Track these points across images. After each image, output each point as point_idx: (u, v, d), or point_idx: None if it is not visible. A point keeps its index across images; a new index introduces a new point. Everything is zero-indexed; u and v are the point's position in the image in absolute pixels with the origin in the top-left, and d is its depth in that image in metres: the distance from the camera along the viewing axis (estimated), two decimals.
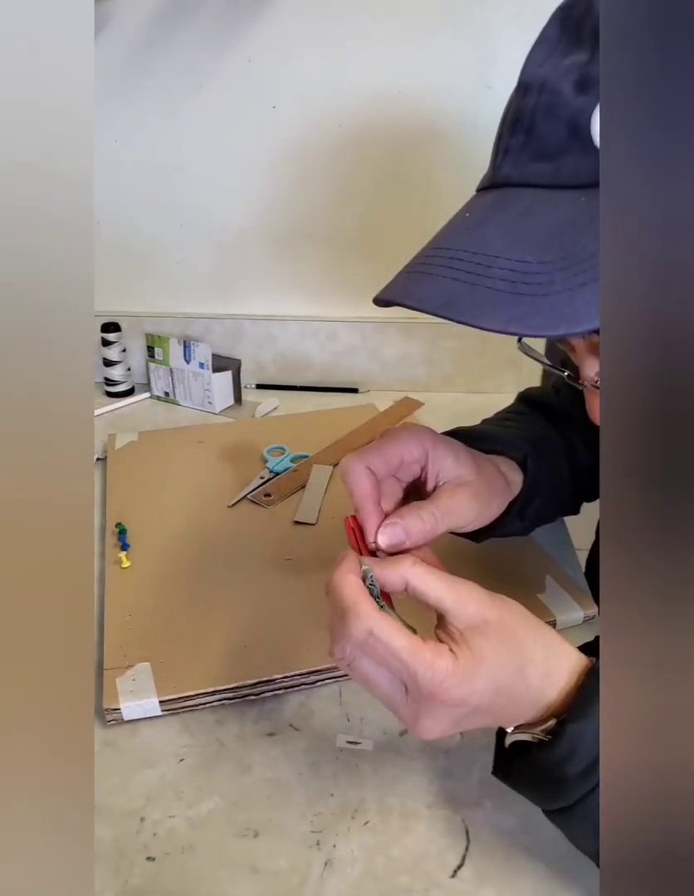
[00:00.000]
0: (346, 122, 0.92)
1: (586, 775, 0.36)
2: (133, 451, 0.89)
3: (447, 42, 0.86)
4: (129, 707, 0.52)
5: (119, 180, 0.98)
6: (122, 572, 0.67)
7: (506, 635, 0.38)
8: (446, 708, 0.37)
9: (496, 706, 0.38)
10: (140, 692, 0.53)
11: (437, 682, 0.36)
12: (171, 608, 0.62)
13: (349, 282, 1.03)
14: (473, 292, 0.36)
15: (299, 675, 0.54)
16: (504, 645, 0.38)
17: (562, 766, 0.36)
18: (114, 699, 0.52)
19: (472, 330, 0.37)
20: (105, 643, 0.58)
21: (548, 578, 0.64)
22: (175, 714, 0.53)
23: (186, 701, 0.53)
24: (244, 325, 1.05)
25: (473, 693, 0.37)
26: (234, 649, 0.57)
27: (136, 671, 0.55)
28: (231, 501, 0.77)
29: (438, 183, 0.94)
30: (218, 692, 0.53)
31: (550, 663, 0.39)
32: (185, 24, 0.88)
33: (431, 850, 0.44)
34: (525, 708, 0.39)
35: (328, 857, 0.44)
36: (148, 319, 1.06)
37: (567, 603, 0.61)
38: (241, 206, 0.99)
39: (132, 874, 0.43)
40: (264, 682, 0.54)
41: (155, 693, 0.53)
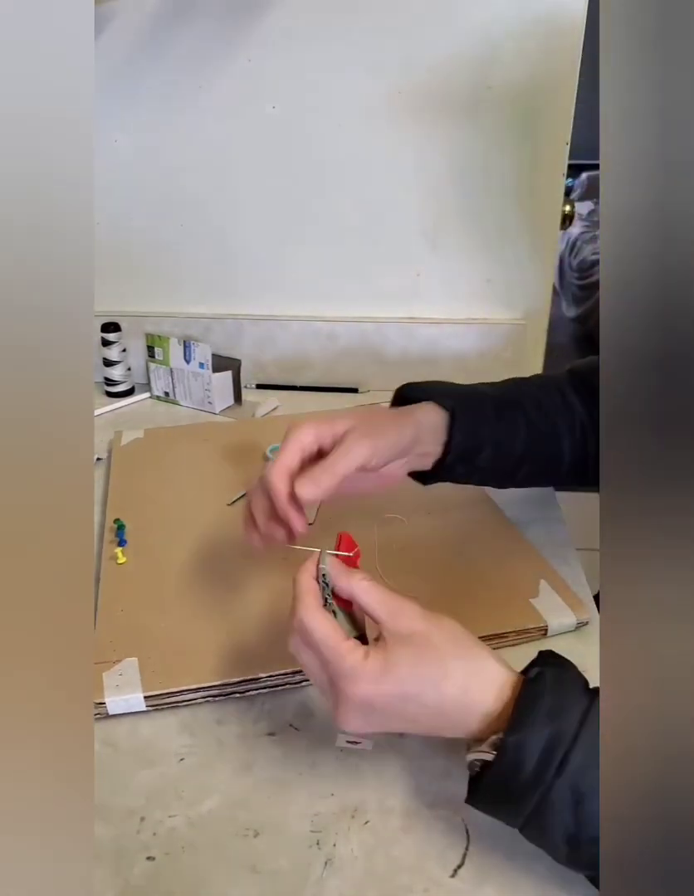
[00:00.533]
0: (345, 122, 0.92)
1: (536, 781, 0.37)
2: (137, 449, 0.89)
3: (447, 42, 0.86)
4: (113, 701, 0.52)
5: (119, 180, 0.98)
6: (118, 568, 0.67)
7: (427, 649, 0.41)
8: (352, 703, 0.40)
9: (408, 713, 0.41)
10: (125, 687, 0.53)
11: (344, 676, 0.40)
12: (163, 604, 0.62)
13: (349, 282, 1.03)
14: None
15: (284, 675, 0.54)
16: (422, 657, 0.41)
17: (511, 778, 0.38)
18: (99, 693, 0.52)
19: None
20: (96, 637, 0.58)
21: (542, 583, 0.63)
22: (175, 713, 0.53)
23: (171, 697, 0.53)
24: (244, 325, 1.05)
25: (377, 694, 0.40)
26: (223, 647, 0.57)
27: (123, 666, 0.55)
28: (231, 500, 0.77)
29: (439, 183, 0.94)
30: (203, 689, 0.53)
31: (470, 680, 0.40)
32: (185, 24, 0.88)
33: (431, 849, 0.44)
34: (446, 720, 0.41)
35: (328, 857, 0.44)
36: (148, 319, 1.06)
37: (560, 608, 0.60)
38: (241, 205, 0.99)
39: (132, 874, 0.43)
40: (249, 680, 0.54)
41: (140, 688, 0.53)
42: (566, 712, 0.38)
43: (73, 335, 0.30)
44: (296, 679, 0.55)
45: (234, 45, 0.89)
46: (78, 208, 0.30)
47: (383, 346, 1.04)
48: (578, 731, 0.37)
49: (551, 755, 0.37)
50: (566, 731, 0.37)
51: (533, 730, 0.38)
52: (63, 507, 0.30)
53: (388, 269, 1.00)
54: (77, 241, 0.30)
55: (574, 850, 0.38)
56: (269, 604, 0.62)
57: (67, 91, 0.30)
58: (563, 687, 0.40)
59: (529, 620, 0.59)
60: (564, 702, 0.39)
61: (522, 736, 0.38)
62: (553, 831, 0.38)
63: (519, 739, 0.38)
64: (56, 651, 0.29)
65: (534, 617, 0.59)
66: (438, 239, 0.96)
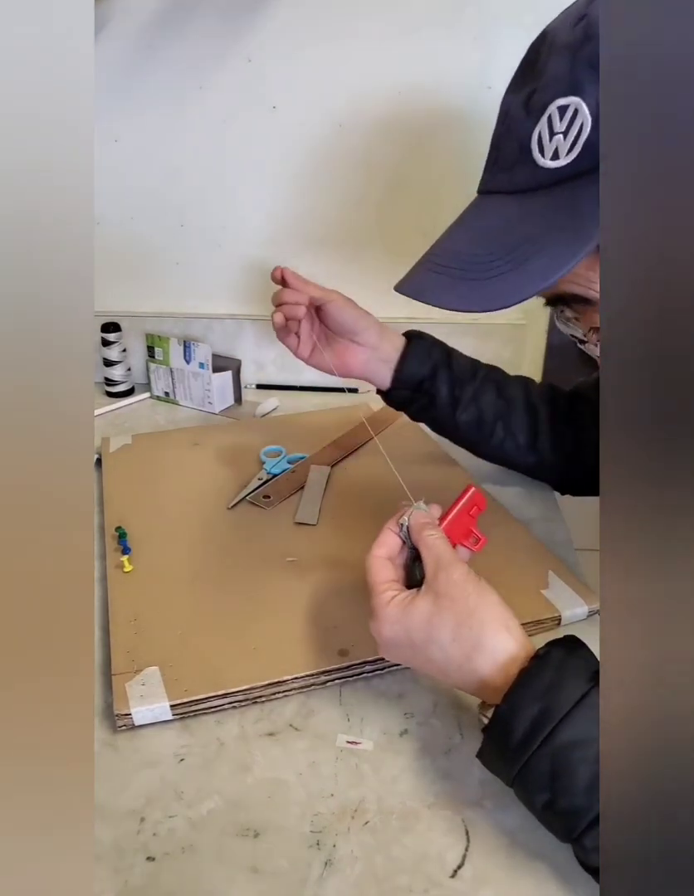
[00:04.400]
0: (345, 122, 0.92)
1: (521, 749, 0.40)
2: (128, 454, 0.88)
3: (447, 42, 0.86)
4: (139, 712, 0.51)
5: (119, 180, 0.98)
6: (125, 576, 0.66)
7: (448, 611, 0.45)
8: (376, 635, 0.47)
9: (418, 660, 0.47)
10: (150, 697, 0.52)
11: (372, 613, 0.47)
12: (176, 611, 0.61)
13: (349, 281, 1.02)
14: (438, 280, 0.47)
15: (310, 676, 0.54)
16: (439, 616, 0.45)
17: (500, 743, 0.42)
18: (124, 704, 0.52)
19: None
20: (112, 647, 0.57)
21: (550, 574, 0.65)
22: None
23: (197, 704, 0.53)
24: (244, 325, 1.05)
25: (390, 636, 0.46)
26: (242, 651, 0.56)
27: (144, 675, 0.54)
28: (230, 503, 0.77)
29: (439, 183, 0.94)
30: (229, 695, 0.53)
31: (476, 651, 0.44)
32: (186, 24, 0.88)
33: (431, 850, 0.44)
34: (450, 679, 0.46)
35: (328, 857, 0.44)
36: (148, 319, 1.06)
37: (571, 598, 0.62)
38: (241, 205, 0.99)
39: (132, 874, 0.43)
40: (275, 683, 0.54)
41: (165, 697, 0.52)
42: (563, 691, 0.40)
43: (73, 335, 0.30)
44: (321, 680, 0.55)
45: (234, 45, 0.89)
46: (78, 208, 0.30)
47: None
48: (569, 711, 0.39)
49: (539, 729, 0.40)
50: (558, 708, 0.40)
51: (524, 703, 0.41)
52: (63, 507, 0.30)
53: (388, 269, 1.00)
54: (77, 242, 0.30)
55: (550, 818, 0.41)
56: (282, 606, 0.62)
57: (68, 91, 0.30)
58: (565, 667, 0.42)
59: (544, 611, 0.60)
60: (564, 682, 0.41)
61: (513, 707, 0.41)
62: (533, 796, 0.41)
63: (510, 710, 0.41)
64: (56, 651, 0.29)
65: (547, 607, 0.61)
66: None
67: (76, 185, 0.30)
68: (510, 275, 0.43)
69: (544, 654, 0.43)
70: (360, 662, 0.55)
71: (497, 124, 0.48)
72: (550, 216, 0.43)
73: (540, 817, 0.42)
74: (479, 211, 0.49)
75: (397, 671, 0.56)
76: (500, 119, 0.47)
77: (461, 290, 0.45)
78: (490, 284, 0.43)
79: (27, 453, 0.29)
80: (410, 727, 0.52)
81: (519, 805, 0.42)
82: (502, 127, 0.47)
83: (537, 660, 0.42)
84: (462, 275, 0.45)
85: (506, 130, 0.46)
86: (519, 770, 0.41)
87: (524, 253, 0.43)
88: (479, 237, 0.47)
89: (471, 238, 0.47)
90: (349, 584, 0.63)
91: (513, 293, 0.42)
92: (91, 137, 0.31)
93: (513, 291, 0.42)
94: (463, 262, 0.46)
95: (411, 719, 0.53)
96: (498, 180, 0.47)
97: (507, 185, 0.46)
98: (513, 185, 0.46)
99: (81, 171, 0.30)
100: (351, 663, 0.55)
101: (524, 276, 0.42)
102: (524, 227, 0.44)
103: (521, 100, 0.45)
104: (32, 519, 0.29)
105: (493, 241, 0.45)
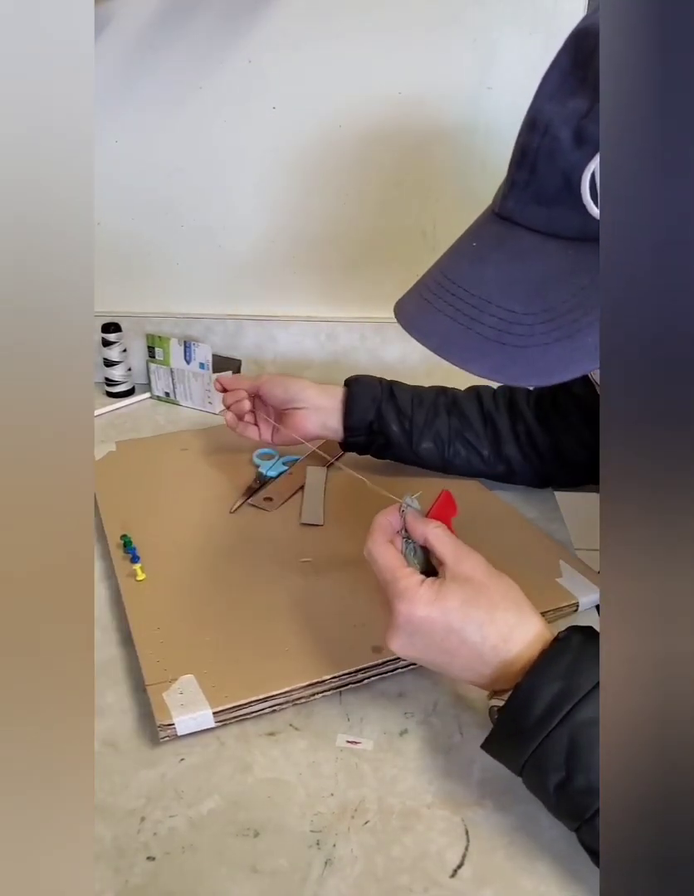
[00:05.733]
0: (346, 122, 0.92)
1: (540, 726, 0.40)
2: (114, 462, 0.87)
3: (447, 42, 0.86)
4: (183, 721, 0.50)
5: (119, 180, 0.98)
6: (139, 585, 0.64)
7: (480, 594, 0.44)
8: (401, 620, 0.44)
9: (448, 645, 0.44)
10: (191, 705, 0.51)
11: (398, 595, 0.44)
12: (198, 617, 0.60)
13: (349, 282, 1.03)
14: (465, 336, 0.41)
15: (347, 675, 0.54)
16: (475, 598, 0.44)
17: (519, 719, 0.41)
18: (165, 714, 0.50)
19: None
20: (140, 658, 0.56)
21: (562, 563, 0.66)
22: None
23: (240, 710, 0.52)
24: (245, 325, 1.05)
25: (424, 616, 0.43)
26: (275, 654, 0.56)
27: (181, 684, 0.53)
28: (231, 507, 0.76)
29: (438, 183, 0.94)
30: (270, 698, 0.52)
31: (514, 631, 0.44)
32: (185, 25, 0.88)
33: (431, 850, 0.44)
34: (481, 662, 0.44)
35: (328, 857, 0.44)
36: (148, 320, 1.06)
37: (586, 585, 0.63)
38: (241, 206, 0.99)
39: (132, 874, 0.43)
40: (314, 683, 0.53)
41: (207, 704, 0.51)
42: (585, 672, 0.40)
43: (73, 335, 0.30)
44: (358, 678, 0.54)
45: (234, 45, 0.89)
46: (78, 208, 0.30)
47: (383, 346, 1.04)
48: (590, 691, 0.40)
49: (559, 706, 0.40)
50: (579, 688, 0.40)
51: (547, 679, 0.41)
52: (63, 507, 0.30)
53: (388, 269, 1.00)
54: (77, 242, 0.30)
55: (562, 799, 0.40)
56: (304, 607, 0.61)
57: (68, 91, 0.30)
58: (587, 650, 0.42)
59: (562, 599, 0.62)
60: (584, 664, 0.41)
61: (536, 683, 0.41)
62: (546, 777, 0.40)
63: (532, 686, 0.41)
64: (56, 651, 0.29)
65: (564, 595, 0.62)
66: (437, 239, 0.96)
67: (76, 185, 0.30)
68: (556, 346, 0.37)
69: (565, 637, 0.43)
70: (393, 658, 0.55)
71: (528, 131, 0.39)
72: None
73: (551, 800, 0.41)
74: (505, 248, 0.41)
75: (397, 671, 0.56)
76: (531, 125, 0.39)
77: (496, 358, 0.39)
78: (531, 354, 0.38)
79: (27, 454, 0.29)
80: (410, 727, 0.52)
81: (519, 805, 0.42)
82: (540, 140, 0.38)
83: (559, 642, 0.43)
84: (497, 336, 0.39)
85: (547, 152, 0.38)
86: (534, 750, 0.40)
87: (576, 323, 0.37)
88: (512, 286, 0.40)
89: (501, 285, 0.41)
90: (366, 582, 0.62)
91: (560, 369, 0.37)
92: (91, 138, 0.31)
93: (560, 368, 0.37)
94: (496, 320, 0.40)
95: (411, 719, 0.53)
96: (530, 213, 0.40)
97: (543, 224, 0.39)
98: (551, 227, 0.39)
99: (82, 172, 0.30)
100: (385, 659, 0.55)
101: (577, 351, 0.37)
102: (572, 289, 0.37)
103: (567, 116, 0.37)
104: (32, 519, 0.29)
105: (533, 298, 0.39)
